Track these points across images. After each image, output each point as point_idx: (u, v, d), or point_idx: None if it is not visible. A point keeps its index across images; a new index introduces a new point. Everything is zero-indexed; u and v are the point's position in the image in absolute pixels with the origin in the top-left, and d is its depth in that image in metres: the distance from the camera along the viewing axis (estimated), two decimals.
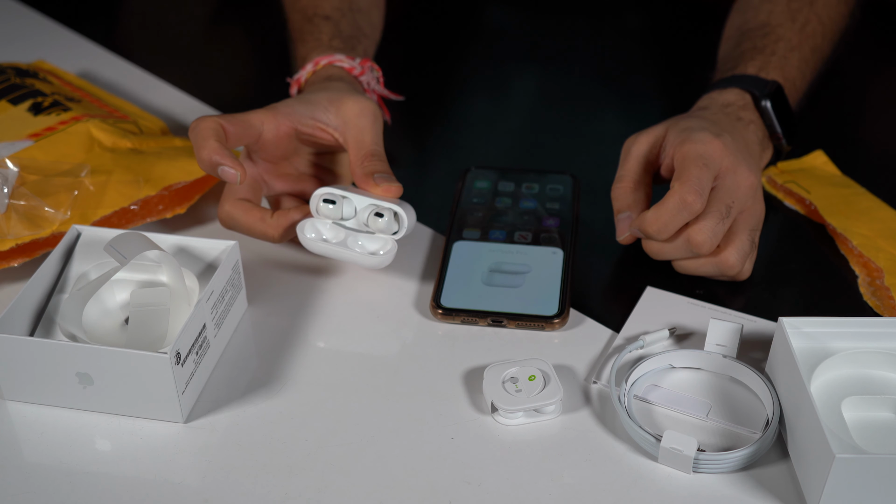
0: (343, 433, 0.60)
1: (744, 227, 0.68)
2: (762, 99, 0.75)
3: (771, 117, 0.75)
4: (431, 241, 0.76)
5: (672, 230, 0.66)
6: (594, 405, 0.62)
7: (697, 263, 0.69)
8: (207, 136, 0.67)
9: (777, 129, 0.76)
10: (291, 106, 0.72)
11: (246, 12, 1.14)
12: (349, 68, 0.79)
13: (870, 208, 0.77)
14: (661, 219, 0.66)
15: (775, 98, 0.76)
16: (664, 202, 0.66)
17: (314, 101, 0.72)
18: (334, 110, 0.72)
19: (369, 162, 0.70)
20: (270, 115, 0.71)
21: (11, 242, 0.69)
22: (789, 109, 0.77)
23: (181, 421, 0.61)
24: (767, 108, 0.75)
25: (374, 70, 0.81)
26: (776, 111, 0.75)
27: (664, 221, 0.66)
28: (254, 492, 0.57)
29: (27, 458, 0.59)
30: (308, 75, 0.79)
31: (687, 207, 0.65)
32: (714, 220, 0.66)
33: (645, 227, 0.67)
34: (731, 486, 0.57)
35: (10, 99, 0.83)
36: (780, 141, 0.76)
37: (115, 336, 0.65)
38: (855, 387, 0.59)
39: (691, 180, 0.65)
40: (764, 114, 0.75)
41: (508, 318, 0.67)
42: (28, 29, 1.07)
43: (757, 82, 0.76)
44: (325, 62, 0.79)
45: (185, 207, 0.76)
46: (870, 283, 0.71)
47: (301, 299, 0.70)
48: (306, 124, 0.72)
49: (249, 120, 0.70)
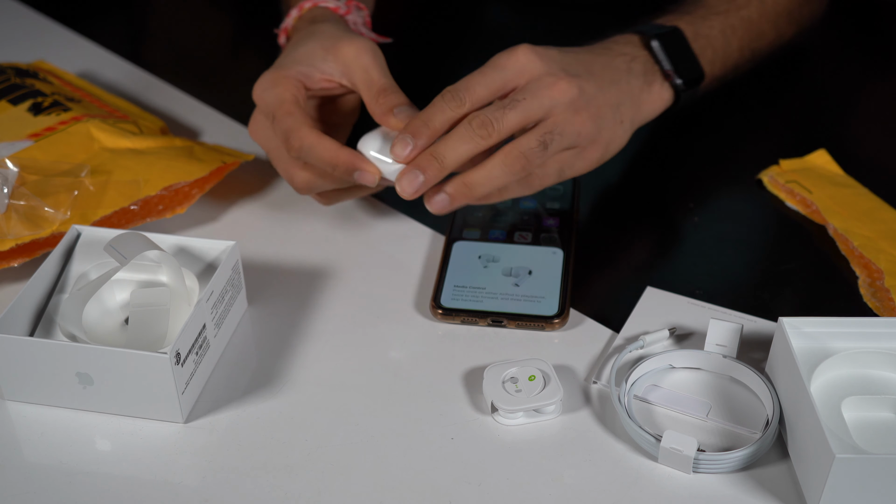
0: (343, 433, 0.60)
1: (539, 128, 0.66)
2: (652, 39, 0.74)
3: (658, 54, 0.74)
4: (431, 241, 0.76)
5: (436, 123, 0.66)
6: (594, 405, 0.62)
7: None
8: (332, 143, 0.67)
9: (665, 65, 0.74)
10: (293, 68, 0.71)
11: (246, 10, 1.14)
12: (334, 8, 0.77)
13: (872, 209, 0.77)
14: (423, 115, 0.66)
15: (669, 39, 0.75)
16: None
17: (310, 54, 0.71)
18: (332, 58, 0.71)
19: (384, 98, 0.69)
20: (292, 85, 0.70)
21: (11, 242, 0.69)
22: (690, 53, 0.76)
23: (181, 421, 0.61)
24: (655, 46, 0.74)
25: (360, 10, 0.80)
26: (670, 51, 0.74)
27: (426, 116, 0.66)
28: (254, 492, 0.57)
29: (27, 458, 0.59)
30: (294, 21, 0.78)
31: (441, 97, 0.66)
32: (503, 112, 0.65)
33: (413, 121, 0.66)
34: (731, 486, 0.57)
35: (10, 99, 0.83)
36: (672, 78, 0.75)
37: (115, 336, 0.65)
38: (855, 387, 0.59)
39: (459, 81, 0.66)
40: (653, 53, 0.74)
41: (508, 318, 0.67)
42: (28, 29, 1.07)
43: (652, 27, 0.76)
44: (310, 5, 0.77)
45: (185, 207, 0.76)
46: (870, 284, 0.70)
47: (301, 299, 0.70)
48: (314, 79, 0.71)
49: (301, 104, 0.70)
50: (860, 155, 0.87)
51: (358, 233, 0.77)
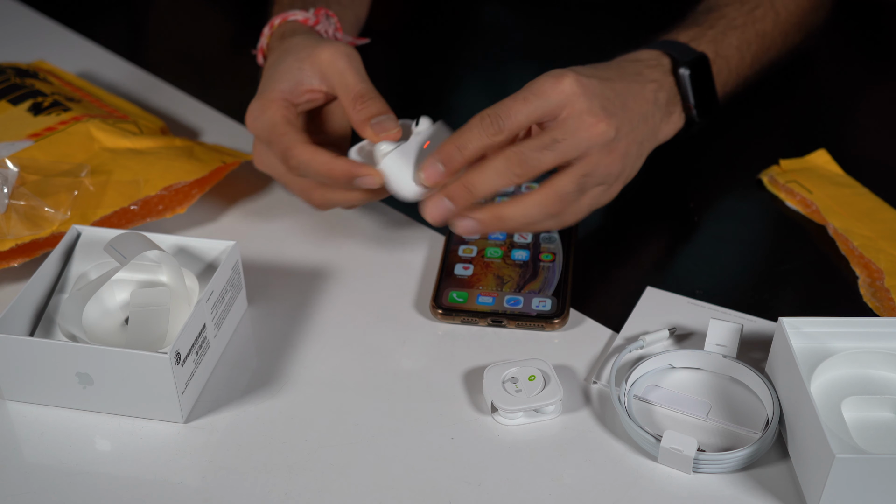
0: (343, 433, 0.60)
1: (575, 170, 0.65)
2: (681, 66, 0.73)
3: (686, 85, 0.73)
4: (431, 241, 0.76)
5: (470, 151, 0.65)
6: (594, 405, 0.62)
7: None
8: (327, 156, 0.67)
9: (690, 100, 0.73)
10: (276, 89, 0.71)
11: (246, 10, 1.14)
12: (303, 20, 0.77)
13: (872, 209, 0.77)
14: (457, 140, 0.65)
15: (696, 68, 0.73)
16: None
17: (287, 70, 0.71)
18: (308, 67, 0.71)
19: (361, 105, 0.69)
20: (280, 108, 0.70)
21: (11, 242, 0.69)
22: (712, 84, 0.75)
23: (181, 421, 0.61)
24: (684, 75, 0.73)
25: (329, 17, 0.79)
26: (695, 82, 0.73)
27: (461, 141, 0.64)
28: (254, 492, 0.57)
29: (27, 458, 0.59)
30: (267, 40, 0.78)
31: (479, 121, 0.64)
32: (542, 154, 0.64)
33: (446, 145, 0.65)
34: (731, 486, 0.57)
35: (10, 99, 0.83)
36: (692, 111, 0.74)
37: (115, 336, 0.65)
38: (855, 387, 0.59)
39: (497, 105, 0.64)
40: (679, 81, 0.73)
41: (508, 318, 0.67)
42: (28, 29, 1.07)
43: (682, 49, 0.74)
44: (279, 20, 0.78)
45: (185, 207, 0.76)
46: (870, 284, 0.70)
47: (301, 299, 0.70)
48: (298, 93, 0.71)
49: (293, 123, 0.70)
50: (860, 155, 0.87)
51: (358, 233, 0.77)
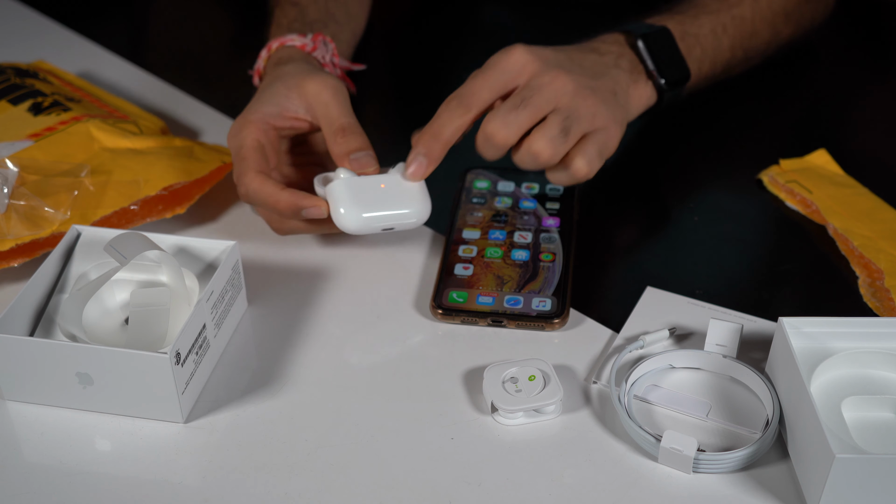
0: (343, 433, 0.60)
1: (555, 114, 0.68)
2: (637, 38, 0.76)
3: (642, 52, 0.75)
4: (431, 241, 0.76)
5: (446, 135, 0.68)
6: (594, 405, 0.62)
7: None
8: (274, 188, 0.68)
9: (649, 65, 0.75)
10: (259, 111, 0.72)
11: (246, 10, 1.14)
12: (301, 46, 0.79)
13: (872, 209, 0.77)
14: (431, 129, 0.68)
15: (657, 40, 0.76)
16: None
17: (275, 95, 0.72)
18: (295, 96, 0.72)
19: (342, 138, 0.70)
20: (256, 130, 0.71)
21: (11, 242, 0.69)
22: (678, 55, 0.78)
23: (181, 421, 0.61)
24: (639, 44, 0.75)
25: (327, 44, 0.81)
26: (657, 52, 0.76)
27: (435, 129, 0.68)
28: (254, 492, 0.57)
29: (27, 458, 0.59)
30: (263, 63, 0.79)
31: (446, 106, 0.68)
32: (517, 112, 0.67)
33: (423, 136, 0.69)
34: (731, 486, 0.57)
35: (10, 99, 0.83)
36: (655, 78, 0.76)
37: (115, 336, 0.65)
38: (855, 387, 0.59)
39: (459, 87, 0.68)
40: (637, 52, 0.76)
41: (508, 318, 0.67)
42: (28, 29, 1.07)
43: (641, 26, 0.77)
44: (277, 44, 0.79)
45: (185, 207, 0.76)
46: (870, 284, 0.70)
47: (301, 299, 0.70)
48: (282, 118, 0.72)
49: (262, 148, 0.71)
50: (860, 155, 0.87)
51: None
